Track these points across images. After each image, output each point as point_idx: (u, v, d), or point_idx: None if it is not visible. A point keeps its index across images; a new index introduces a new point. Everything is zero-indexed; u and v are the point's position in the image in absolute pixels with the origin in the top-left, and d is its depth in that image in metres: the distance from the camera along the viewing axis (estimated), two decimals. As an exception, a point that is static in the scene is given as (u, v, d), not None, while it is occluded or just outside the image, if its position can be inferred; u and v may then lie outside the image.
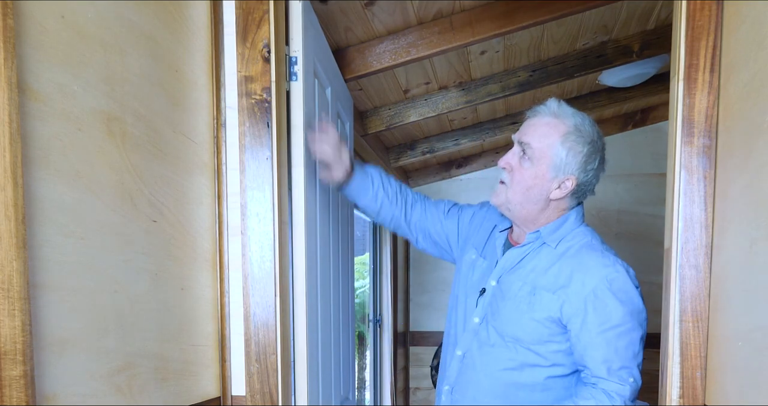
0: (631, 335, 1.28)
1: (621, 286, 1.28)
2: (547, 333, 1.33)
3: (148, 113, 0.99)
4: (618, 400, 1.28)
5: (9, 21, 0.68)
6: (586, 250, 1.33)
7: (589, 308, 1.28)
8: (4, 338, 0.68)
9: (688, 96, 1.07)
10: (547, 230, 1.37)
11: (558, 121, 1.29)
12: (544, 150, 1.29)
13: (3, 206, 0.67)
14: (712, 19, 1.04)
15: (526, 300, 1.34)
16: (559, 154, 1.29)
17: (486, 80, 2.31)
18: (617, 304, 1.27)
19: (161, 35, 1.04)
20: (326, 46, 1.57)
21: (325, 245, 1.53)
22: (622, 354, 1.28)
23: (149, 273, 1.00)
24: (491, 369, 1.39)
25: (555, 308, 1.31)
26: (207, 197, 1.20)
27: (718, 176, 1.06)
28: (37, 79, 0.75)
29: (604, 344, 1.28)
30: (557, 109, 1.30)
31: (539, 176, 1.31)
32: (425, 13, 1.73)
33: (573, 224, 1.38)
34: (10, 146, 0.67)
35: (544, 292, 1.33)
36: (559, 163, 1.29)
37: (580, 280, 1.29)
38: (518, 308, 1.35)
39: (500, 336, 1.38)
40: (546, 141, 1.29)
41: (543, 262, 1.36)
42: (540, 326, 1.33)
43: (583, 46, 2.19)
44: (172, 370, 1.08)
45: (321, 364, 1.48)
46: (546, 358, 1.34)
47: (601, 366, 1.29)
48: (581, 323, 1.29)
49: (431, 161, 3.41)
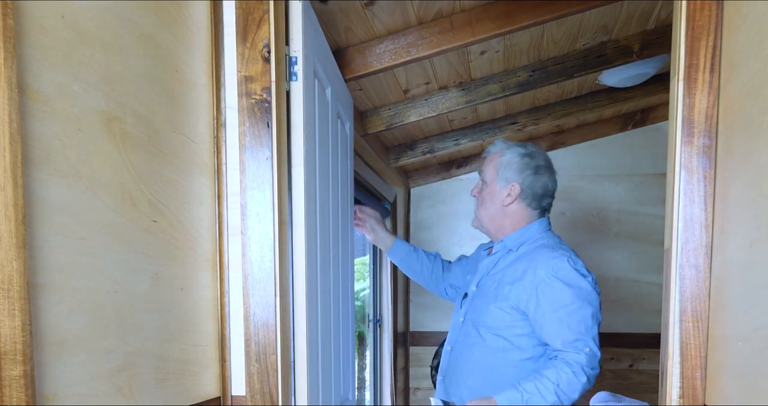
0: (582, 312, 1.55)
1: (565, 273, 1.56)
2: (510, 319, 1.62)
3: (148, 113, 0.99)
4: (575, 366, 1.52)
5: (9, 21, 0.68)
6: (539, 248, 1.65)
7: (540, 293, 1.57)
8: (4, 338, 0.68)
9: (688, 96, 1.07)
10: (509, 238, 1.72)
11: (498, 151, 1.74)
12: (492, 171, 1.73)
13: (3, 206, 0.67)
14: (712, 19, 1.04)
15: (492, 293, 1.66)
16: (500, 171, 1.71)
17: (486, 80, 2.31)
18: (564, 287, 1.55)
19: (161, 35, 1.04)
20: (326, 47, 1.57)
21: (325, 245, 1.53)
22: (575, 328, 1.54)
23: (149, 273, 1.00)
24: (470, 356, 1.69)
25: (513, 296, 1.61)
26: (207, 197, 1.20)
27: (718, 176, 1.06)
28: (37, 79, 0.75)
29: (557, 321, 1.55)
30: (499, 144, 1.75)
31: (493, 191, 1.72)
32: (425, 13, 1.73)
33: (536, 232, 1.71)
34: (10, 146, 0.67)
35: (506, 285, 1.64)
36: (502, 174, 1.70)
37: (532, 272, 1.59)
38: (487, 301, 1.67)
39: (475, 327, 1.68)
40: (491, 165, 1.73)
41: (506, 262, 1.70)
42: (503, 313, 1.62)
43: (583, 46, 2.19)
44: (172, 370, 1.08)
45: (321, 364, 1.48)
46: (512, 342, 1.62)
47: (557, 340, 1.55)
48: (536, 307, 1.57)
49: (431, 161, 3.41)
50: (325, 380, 1.52)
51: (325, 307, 1.52)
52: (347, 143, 1.92)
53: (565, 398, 1.52)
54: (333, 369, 1.64)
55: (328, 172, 1.59)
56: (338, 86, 1.71)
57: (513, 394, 1.52)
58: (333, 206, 1.64)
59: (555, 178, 1.75)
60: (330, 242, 1.60)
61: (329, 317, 1.59)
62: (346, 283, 1.85)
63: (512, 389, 1.53)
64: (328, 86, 1.57)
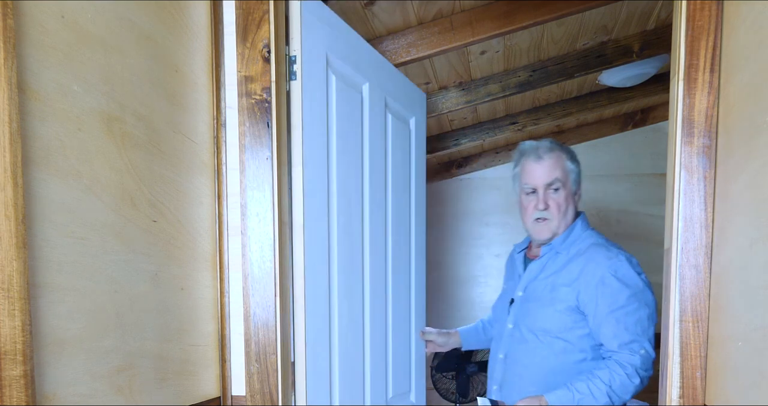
0: (638, 314, 1.51)
1: (624, 273, 1.52)
2: (571, 321, 1.57)
3: (148, 113, 0.99)
4: (629, 368, 1.49)
5: (9, 21, 0.68)
6: (593, 247, 1.60)
7: (599, 293, 1.52)
8: (4, 338, 0.68)
9: (688, 96, 1.07)
10: (557, 241, 1.65)
11: (558, 152, 1.63)
12: (567, 175, 1.63)
13: (3, 206, 0.67)
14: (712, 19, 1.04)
15: (548, 297, 1.61)
16: (573, 172, 1.64)
17: (486, 80, 2.31)
18: (622, 287, 1.51)
19: (161, 35, 1.04)
20: (358, 42, 1.53)
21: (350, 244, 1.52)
22: (632, 330, 1.50)
23: (149, 273, 1.00)
24: (530, 362, 1.63)
25: (572, 298, 1.56)
26: (207, 197, 1.20)
27: (718, 176, 1.06)
28: (37, 79, 0.75)
29: (614, 322, 1.51)
30: (551, 144, 1.65)
31: (569, 195, 1.64)
32: (425, 13, 1.73)
33: (580, 230, 1.66)
34: (10, 146, 0.67)
35: (562, 287, 1.59)
36: (574, 178, 1.65)
37: (590, 272, 1.55)
38: (542, 305, 1.62)
39: (532, 332, 1.62)
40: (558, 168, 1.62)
41: (558, 265, 1.63)
42: (562, 315, 1.58)
43: (583, 46, 2.19)
44: (172, 370, 1.08)
45: (339, 364, 1.47)
46: (573, 344, 1.58)
47: (613, 341, 1.52)
48: (594, 307, 1.53)
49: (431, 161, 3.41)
50: (346, 380, 1.51)
51: (349, 305, 1.52)
52: (408, 137, 1.88)
53: (617, 399, 1.50)
54: (366, 368, 1.63)
55: (360, 170, 1.57)
56: (387, 80, 1.67)
57: (564, 393, 1.51)
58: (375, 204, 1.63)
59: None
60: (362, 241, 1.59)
61: (358, 314, 1.58)
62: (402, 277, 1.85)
63: (564, 389, 1.51)
64: (365, 81, 1.55)
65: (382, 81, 1.63)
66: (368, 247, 1.62)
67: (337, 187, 1.44)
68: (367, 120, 1.59)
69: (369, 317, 1.64)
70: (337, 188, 1.44)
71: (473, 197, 3.54)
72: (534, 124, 2.89)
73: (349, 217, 1.51)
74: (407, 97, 1.85)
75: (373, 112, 1.61)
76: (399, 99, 1.76)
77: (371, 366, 1.66)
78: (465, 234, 3.53)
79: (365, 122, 1.59)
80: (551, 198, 1.62)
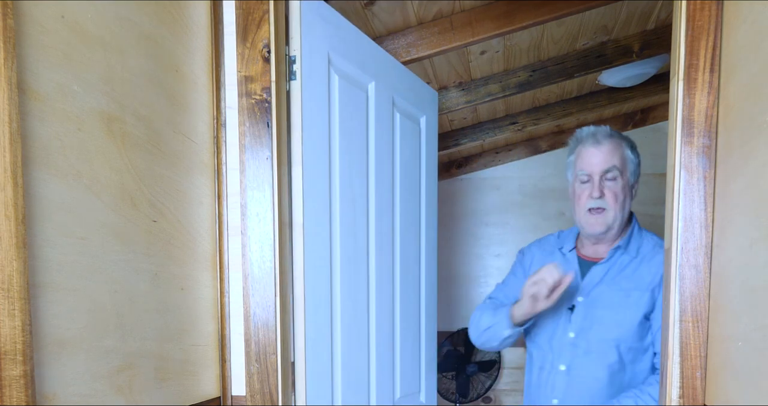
0: None
1: None
2: (641, 329, 1.47)
3: (148, 113, 0.99)
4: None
5: (9, 21, 0.68)
6: (659, 248, 1.50)
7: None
8: (4, 338, 0.68)
9: (688, 96, 1.07)
10: (624, 242, 1.54)
11: (617, 140, 1.52)
12: (625, 163, 1.52)
13: (3, 206, 0.67)
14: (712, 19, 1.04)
15: (622, 304, 1.48)
16: (632, 162, 1.54)
17: (486, 80, 2.31)
18: None
19: (161, 35, 1.04)
20: (360, 40, 1.52)
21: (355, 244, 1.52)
22: None
23: (149, 273, 1.00)
24: (602, 375, 1.50)
25: (650, 303, 1.45)
26: (207, 197, 1.20)
27: (718, 176, 1.06)
28: (37, 79, 0.75)
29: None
30: (611, 131, 1.53)
31: (626, 186, 1.52)
32: (425, 13, 1.73)
33: (637, 229, 1.58)
34: (10, 146, 0.67)
35: (636, 292, 1.47)
36: (633, 169, 1.54)
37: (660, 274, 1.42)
38: (616, 313, 1.48)
39: (601, 343, 1.50)
40: (617, 155, 1.50)
41: (627, 268, 1.51)
42: (635, 323, 1.47)
43: (583, 46, 2.19)
44: (172, 370, 1.08)
45: (341, 364, 1.47)
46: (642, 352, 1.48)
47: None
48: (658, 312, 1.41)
49: (431, 161, 3.41)
50: (349, 380, 1.51)
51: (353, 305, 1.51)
52: (419, 137, 1.87)
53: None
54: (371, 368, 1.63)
55: (365, 170, 1.56)
56: (395, 78, 1.66)
57: None
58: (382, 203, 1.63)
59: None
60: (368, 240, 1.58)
61: (362, 314, 1.58)
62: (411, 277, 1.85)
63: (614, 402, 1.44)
64: (371, 80, 1.55)
65: (390, 79, 1.62)
66: (374, 246, 1.61)
67: (340, 187, 1.44)
68: (372, 119, 1.58)
69: (374, 316, 1.63)
70: (340, 188, 1.44)
71: (473, 197, 3.54)
72: (534, 124, 2.89)
73: (354, 216, 1.51)
74: (417, 95, 1.83)
75: (379, 111, 1.60)
76: (408, 97, 1.75)
77: (377, 366, 1.65)
78: (465, 234, 3.53)
79: (371, 121, 1.58)
80: (607, 187, 1.50)
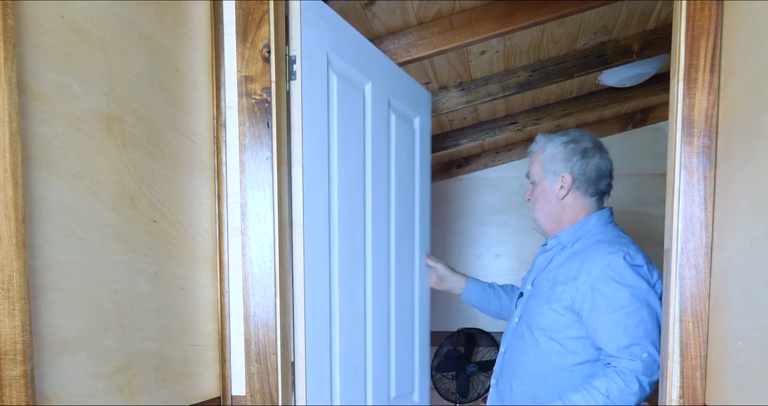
0: (640, 314, 1.41)
1: (621, 270, 1.42)
2: (564, 321, 1.50)
3: (148, 113, 0.99)
4: (629, 375, 1.39)
5: (9, 21, 0.68)
6: (595, 244, 1.52)
7: (596, 293, 1.44)
8: (4, 338, 0.68)
9: (688, 96, 1.07)
10: (564, 233, 1.61)
11: (540, 147, 1.64)
12: (538, 169, 1.63)
13: (3, 206, 0.67)
14: (712, 19, 1.04)
15: (546, 294, 1.55)
16: (546, 166, 1.60)
17: (486, 80, 2.31)
18: (619, 287, 1.42)
19: (161, 35, 1.04)
20: (360, 41, 1.52)
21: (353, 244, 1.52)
22: (632, 332, 1.40)
23: (149, 273, 1.00)
24: (523, 359, 1.59)
25: (567, 297, 1.49)
26: (207, 197, 1.20)
27: (718, 176, 1.06)
28: (37, 79, 0.75)
29: (612, 324, 1.42)
30: (540, 140, 1.65)
31: (544, 189, 1.61)
32: (425, 13, 1.73)
33: (594, 226, 1.59)
34: (10, 146, 0.67)
35: (559, 284, 1.52)
36: (549, 168, 1.60)
37: (586, 270, 1.47)
38: (540, 301, 1.56)
39: (529, 329, 1.57)
40: (536, 163, 1.63)
41: (561, 260, 1.58)
42: (557, 314, 1.51)
43: (583, 46, 2.19)
44: (172, 370, 1.08)
45: (340, 364, 1.47)
46: (566, 346, 1.51)
47: (611, 345, 1.42)
48: (590, 308, 1.45)
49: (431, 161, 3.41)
50: (347, 380, 1.51)
51: (351, 305, 1.52)
52: (413, 138, 1.88)
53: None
54: (367, 368, 1.63)
55: (362, 171, 1.57)
56: (391, 80, 1.67)
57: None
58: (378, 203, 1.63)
59: (608, 157, 1.62)
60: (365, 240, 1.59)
61: (359, 315, 1.58)
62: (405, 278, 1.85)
63: (558, 401, 1.46)
64: (368, 81, 1.55)
65: (386, 81, 1.62)
66: (370, 246, 1.62)
67: (338, 187, 1.44)
68: (369, 120, 1.58)
69: (371, 316, 1.64)
70: (339, 188, 1.44)
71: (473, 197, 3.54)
72: (534, 124, 2.89)
73: (351, 216, 1.51)
74: (412, 96, 1.84)
75: (375, 111, 1.61)
76: (403, 99, 1.76)
77: (373, 366, 1.66)
78: (465, 234, 3.53)
79: (368, 122, 1.58)
80: (530, 191, 1.67)
